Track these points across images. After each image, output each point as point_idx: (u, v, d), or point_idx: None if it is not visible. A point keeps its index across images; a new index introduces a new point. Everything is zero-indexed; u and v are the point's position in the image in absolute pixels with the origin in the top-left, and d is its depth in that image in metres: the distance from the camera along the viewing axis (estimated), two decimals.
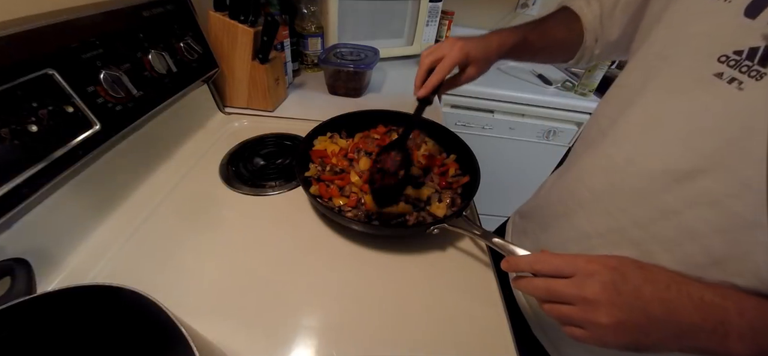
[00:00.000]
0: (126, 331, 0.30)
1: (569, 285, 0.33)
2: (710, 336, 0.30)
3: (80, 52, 0.45)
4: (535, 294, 0.36)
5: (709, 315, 0.30)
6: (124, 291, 0.27)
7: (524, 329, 0.55)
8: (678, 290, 0.31)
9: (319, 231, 0.54)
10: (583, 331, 0.33)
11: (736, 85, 0.30)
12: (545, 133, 1.31)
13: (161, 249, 0.49)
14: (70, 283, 0.28)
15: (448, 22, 1.39)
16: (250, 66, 0.75)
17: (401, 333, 0.42)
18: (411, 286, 0.48)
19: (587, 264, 0.33)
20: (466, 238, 0.55)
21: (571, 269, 0.33)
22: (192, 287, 0.45)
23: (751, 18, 0.30)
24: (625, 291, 0.31)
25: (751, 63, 0.30)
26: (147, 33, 0.56)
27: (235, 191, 0.60)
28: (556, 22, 0.59)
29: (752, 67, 0.30)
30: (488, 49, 0.54)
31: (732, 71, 0.31)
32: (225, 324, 0.41)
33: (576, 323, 0.33)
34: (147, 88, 0.55)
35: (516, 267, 0.38)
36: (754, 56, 0.29)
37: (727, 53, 0.31)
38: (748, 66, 0.30)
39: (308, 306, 0.44)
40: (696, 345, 0.31)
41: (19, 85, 0.38)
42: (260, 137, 0.74)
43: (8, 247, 0.39)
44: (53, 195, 0.44)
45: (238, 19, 0.72)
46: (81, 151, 0.44)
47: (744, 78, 0.30)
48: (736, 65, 0.31)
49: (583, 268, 0.33)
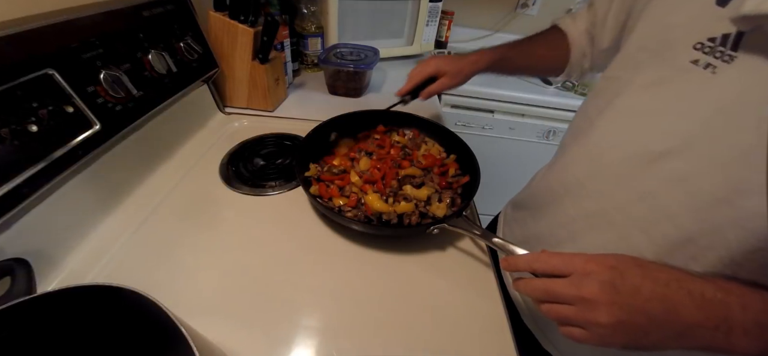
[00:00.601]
0: (126, 331, 0.30)
1: (567, 285, 0.33)
2: (713, 334, 0.30)
3: (80, 52, 0.45)
4: (533, 295, 0.36)
5: (711, 313, 0.30)
6: (124, 291, 0.27)
7: (515, 319, 0.55)
8: (678, 287, 0.31)
9: (319, 231, 0.54)
10: (582, 331, 0.33)
11: (711, 69, 0.33)
12: (545, 133, 1.31)
13: (161, 249, 0.49)
14: (70, 283, 0.28)
15: (448, 22, 1.39)
16: (250, 66, 0.75)
17: (401, 333, 0.42)
18: (411, 286, 0.48)
19: (585, 263, 0.33)
20: (466, 238, 0.55)
21: (569, 268, 0.33)
22: (192, 287, 0.45)
23: (721, 6, 0.33)
24: (624, 290, 0.31)
25: (724, 48, 0.32)
26: (147, 33, 0.56)
27: (235, 191, 0.60)
28: (540, 40, 0.64)
29: (725, 52, 0.32)
30: (460, 65, 0.65)
31: (707, 57, 0.33)
32: (225, 324, 0.41)
33: (574, 323, 0.33)
34: (147, 88, 0.55)
35: (514, 267, 0.38)
36: (726, 42, 0.32)
37: (702, 41, 0.34)
38: (721, 51, 0.32)
39: (308, 306, 0.44)
40: (699, 343, 0.31)
41: (19, 85, 0.38)
42: (260, 137, 0.74)
43: (8, 247, 0.39)
44: (53, 196, 0.44)
45: (238, 19, 0.72)
46: (81, 151, 0.44)
47: (718, 62, 0.32)
48: (710, 51, 0.33)
49: (580, 268, 0.33)
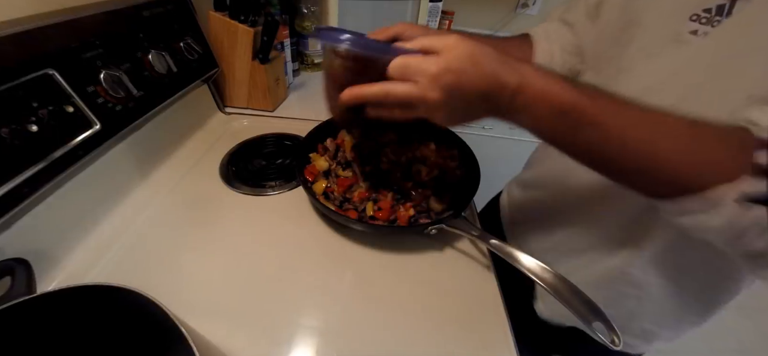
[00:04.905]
0: (126, 331, 0.30)
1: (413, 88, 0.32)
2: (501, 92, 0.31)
3: (80, 52, 0.45)
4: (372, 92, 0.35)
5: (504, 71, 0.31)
6: (123, 291, 0.27)
7: (516, 319, 0.55)
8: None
9: (320, 231, 0.54)
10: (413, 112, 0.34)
11: (703, 36, 0.35)
12: None
13: (161, 249, 0.49)
14: (70, 283, 0.28)
15: (448, 22, 1.39)
16: (250, 66, 0.75)
17: (401, 333, 0.42)
18: (411, 286, 0.48)
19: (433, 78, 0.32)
20: (465, 238, 0.55)
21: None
22: (192, 287, 0.45)
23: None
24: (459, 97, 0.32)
25: (721, 17, 0.34)
26: (147, 33, 0.56)
27: (235, 191, 0.60)
28: (512, 41, 0.59)
29: (721, 21, 0.34)
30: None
31: (704, 27, 0.35)
32: (225, 324, 0.41)
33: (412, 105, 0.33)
34: (147, 88, 0.55)
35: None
36: (722, 12, 0.34)
37: (697, 12, 0.35)
38: (718, 20, 0.34)
39: (308, 306, 0.44)
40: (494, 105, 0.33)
41: (19, 85, 0.38)
42: (260, 137, 0.74)
43: (8, 247, 0.39)
44: (53, 195, 0.44)
45: (238, 19, 0.72)
46: (81, 151, 0.45)
47: (708, 29, 0.34)
48: (707, 22, 0.35)
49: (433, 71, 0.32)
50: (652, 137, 0.30)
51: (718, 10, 0.34)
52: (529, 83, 0.31)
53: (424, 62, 0.31)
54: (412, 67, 0.32)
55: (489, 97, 0.32)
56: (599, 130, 0.31)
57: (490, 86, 0.31)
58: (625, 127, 0.31)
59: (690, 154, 0.29)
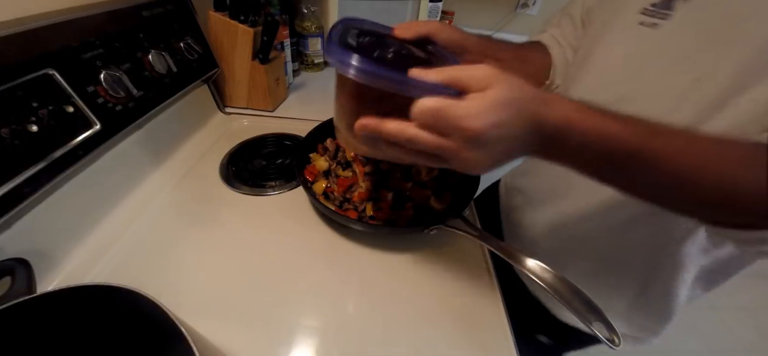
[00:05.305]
0: (126, 331, 0.30)
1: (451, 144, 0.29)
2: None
3: (80, 52, 0.45)
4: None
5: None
6: (123, 291, 0.27)
7: (516, 319, 0.54)
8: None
9: (320, 231, 0.54)
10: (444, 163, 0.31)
11: (652, 27, 0.40)
12: None
13: (161, 249, 0.49)
14: (70, 283, 0.28)
15: (448, 22, 1.39)
16: (250, 66, 0.75)
17: (401, 333, 0.42)
18: (411, 286, 0.48)
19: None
20: (465, 238, 0.55)
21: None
22: (192, 287, 0.45)
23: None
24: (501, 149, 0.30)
25: (667, 10, 0.39)
26: (147, 33, 0.56)
27: (235, 191, 0.60)
28: (531, 48, 0.58)
29: (667, 14, 0.39)
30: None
31: (651, 19, 0.41)
32: (225, 324, 0.41)
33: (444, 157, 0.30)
34: (147, 88, 0.55)
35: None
36: (667, 6, 0.39)
37: (646, 7, 0.41)
38: (663, 13, 0.40)
39: (308, 306, 0.44)
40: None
41: (19, 85, 0.38)
42: (260, 137, 0.74)
43: (8, 247, 0.39)
44: (53, 195, 0.44)
45: (238, 19, 0.72)
46: (81, 151, 0.45)
47: (657, 20, 0.40)
48: (653, 14, 0.40)
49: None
50: (730, 171, 0.29)
51: (664, 5, 0.39)
52: (572, 121, 0.29)
53: (458, 110, 0.27)
54: (444, 118, 0.27)
55: (532, 142, 0.30)
56: (667, 170, 0.29)
57: (535, 129, 0.29)
58: (722, 170, 0.29)
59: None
